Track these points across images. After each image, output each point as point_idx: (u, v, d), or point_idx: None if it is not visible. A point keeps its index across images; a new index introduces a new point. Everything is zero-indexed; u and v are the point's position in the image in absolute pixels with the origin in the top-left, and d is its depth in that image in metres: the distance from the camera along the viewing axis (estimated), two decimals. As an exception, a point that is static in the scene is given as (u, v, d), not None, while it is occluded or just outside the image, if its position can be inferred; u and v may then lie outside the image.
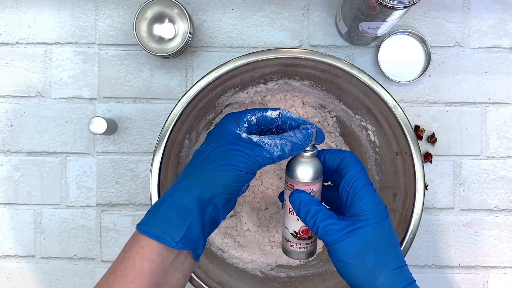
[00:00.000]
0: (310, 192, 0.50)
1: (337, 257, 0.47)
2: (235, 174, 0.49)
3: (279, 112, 0.53)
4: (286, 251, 0.54)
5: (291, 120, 0.53)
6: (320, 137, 0.52)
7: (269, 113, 0.53)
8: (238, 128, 0.52)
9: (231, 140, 0.50)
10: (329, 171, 0.52)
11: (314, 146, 0.51)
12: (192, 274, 0.57)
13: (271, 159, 0.50)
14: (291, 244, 0.53)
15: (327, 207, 0.51)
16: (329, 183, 0.55)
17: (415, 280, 0.48)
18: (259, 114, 0.53)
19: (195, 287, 0.58)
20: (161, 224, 0.47)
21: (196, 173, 0.49)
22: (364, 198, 0.48)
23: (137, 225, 0.48)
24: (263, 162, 0.50)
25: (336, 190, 0.52)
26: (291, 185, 0.51)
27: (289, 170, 0.51)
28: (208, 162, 0.49)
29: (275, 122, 0.53)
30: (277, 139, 0.50)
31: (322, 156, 0.52)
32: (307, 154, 0.50)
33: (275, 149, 0.50)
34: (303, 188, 0.50)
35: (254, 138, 0.51)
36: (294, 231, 0.52)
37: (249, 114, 0.53)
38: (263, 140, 0.50)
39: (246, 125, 0.52)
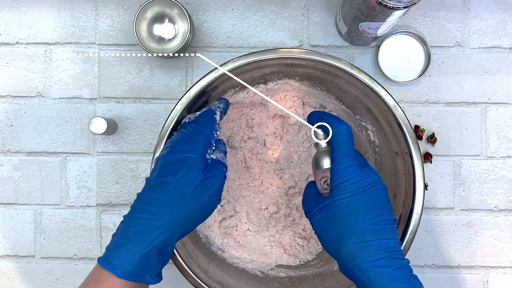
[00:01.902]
0: (326, 180, 0.51)
1: (315, 232, 0.52)
2: (216, 205, 0.52)
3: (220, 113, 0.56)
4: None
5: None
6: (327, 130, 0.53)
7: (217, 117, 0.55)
8: (201, 147, 0.52)
9: (202, 166, 0.51)
10: None
11: (324, 134, 0.52)
12: (192, 274, 0.57)
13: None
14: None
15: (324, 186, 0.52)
16: None
17: (386, 257, 0.47)
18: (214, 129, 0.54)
19: (195, 287, 0.58)
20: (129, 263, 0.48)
21: (176, 209, 0.49)
22: (341, 178, 0.49)
23: (101, 259, 0.48)
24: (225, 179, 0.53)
25: None
26: (316, 176, 0.53)
27: (320, 165, 0.52)
28: (190, 196, 0.50)
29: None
30: (218, 151, 0.54)
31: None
32: (323, 144, 0.52)
33: (225, 161, 0.53)
34: (319, 176, 0.52)
35: (214, 155, 0.53)
36: None
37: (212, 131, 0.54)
38: (217, 156, 0.53)
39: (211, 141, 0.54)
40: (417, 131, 0.71)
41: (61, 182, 0.72)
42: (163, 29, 0.67)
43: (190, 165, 0.50)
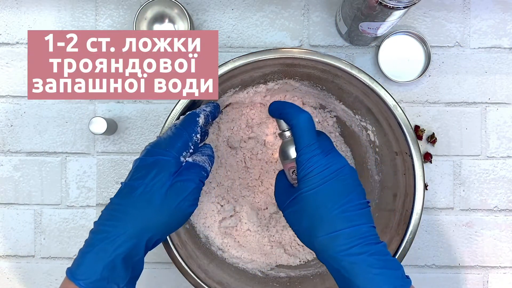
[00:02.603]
0: (294, 170, 0.51)
1: (289, 225, 0.51)
2: (191, 211, 0.50)
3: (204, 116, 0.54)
4: None
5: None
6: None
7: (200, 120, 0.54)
8: (176, 150, 0.50)
9: (174, 169, 0.49)
10: None
11: (288, 125, 0.52)
12: (192, 274, 0.57)
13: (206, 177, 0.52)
14: None
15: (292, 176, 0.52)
16: None
17: (358, 244, 0.46)
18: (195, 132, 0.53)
19: (195, 287, 0.58)
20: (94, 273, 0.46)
21: (141, 215, 0.47)
22: (306, 169, 0.48)
23: (69, 269, 0.47)
24: (203, 185, 0.51)
25: None
26: (293, 166, 0.51)
27: (286, 155, 0.52)
28: (158, 201, 0.47)
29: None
30: (200, 154, 0.52)
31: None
32: (287, 134, 0.52)
33: (207, 165, 0.52)
34: (287, 167, 0.52)
35: (190, 158, 0.51)
36: None
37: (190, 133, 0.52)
38: (196, 159, 0.51)
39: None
40: (417, 131, 0.71)
41: (61, 182, 0.72)
42: (163, 29, 0.67)
43: (160, 168, 0.48)
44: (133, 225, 0.46)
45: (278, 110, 0.52)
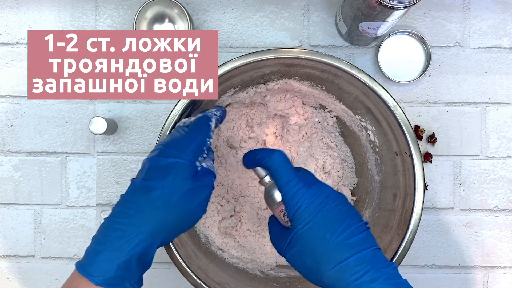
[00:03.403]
0: (283, 212, 0.50)
1: (294, 268, 0.49)
2: (201, 216, 0.51)
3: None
4: None
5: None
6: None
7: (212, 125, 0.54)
8: (192, 153, 0.50)
9: (190, 174, 0.49)
10: None
11: (265, 170, 0.52)
12: (192, 274, 0.57)
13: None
14: None
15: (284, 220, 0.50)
16: None
17: (369, 271, 0.44)
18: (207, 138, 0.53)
19: (195, 287, 0.58)
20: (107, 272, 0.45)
21: (159, 217, 0.47)
22: (293, 207, 0.47)
23: (79, 264, 0.47)
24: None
25: None
26: (282, 209, 0.50)
27: (272, 200, 0.51)
28: (176, 204, 0.48)
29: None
30: (208, 159, 0.52)
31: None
32: (267, 179, 0.51)
33: (214, 171, 0.52)
34: (277, 210, 0.50)
35: (204, 164, 0.51)
36: None
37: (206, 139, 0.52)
38: (208, 164, 0.51)
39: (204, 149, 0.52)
40: (417, 131, 0.71)
41: (61, 182, 0.72)
42: (163, 29, 0.67)
43: (179, 172, 0.48)
44: (150, 225, 0.46)
45: (250, 159, 0.52)
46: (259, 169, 0.52)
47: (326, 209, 0.47)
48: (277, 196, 0.50)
